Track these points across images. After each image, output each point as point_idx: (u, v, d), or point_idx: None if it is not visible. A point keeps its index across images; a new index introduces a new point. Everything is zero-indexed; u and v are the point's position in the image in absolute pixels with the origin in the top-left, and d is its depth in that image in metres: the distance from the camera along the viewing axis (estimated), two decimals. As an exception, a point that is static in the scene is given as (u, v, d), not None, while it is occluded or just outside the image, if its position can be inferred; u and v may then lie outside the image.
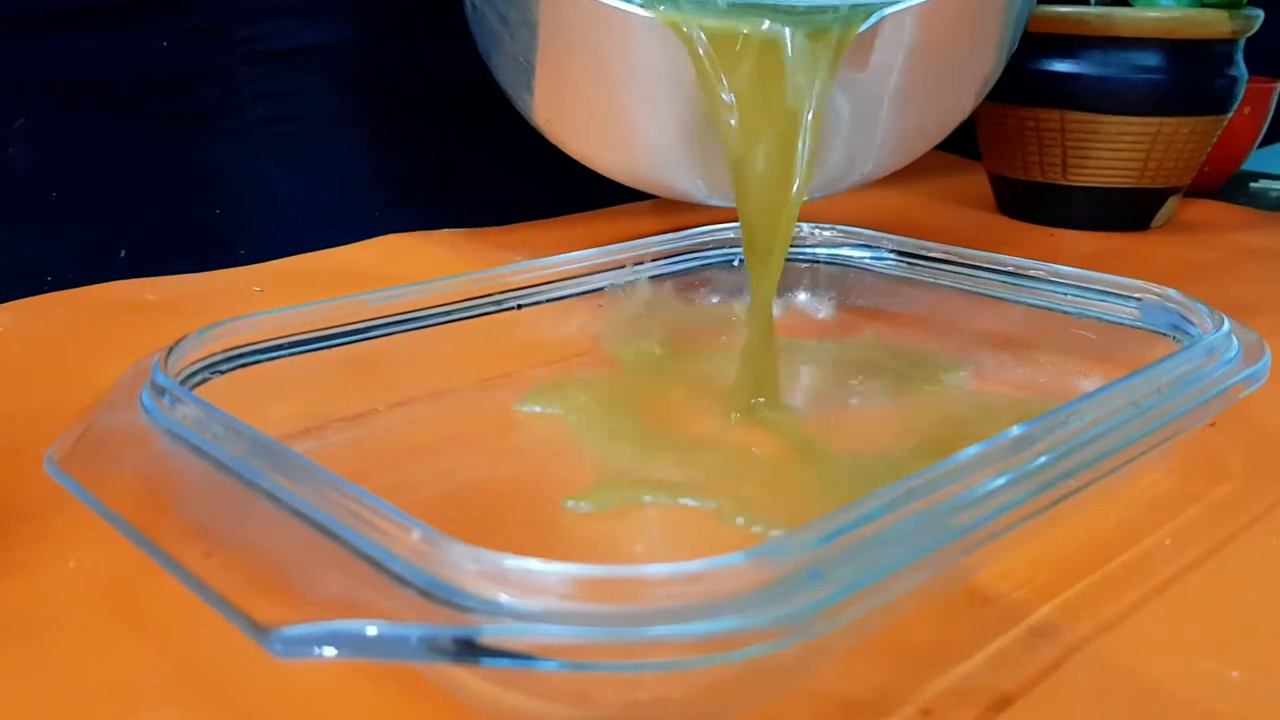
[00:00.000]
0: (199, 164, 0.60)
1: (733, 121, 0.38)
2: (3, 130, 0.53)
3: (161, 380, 0.30)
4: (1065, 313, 0.42)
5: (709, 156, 0.47)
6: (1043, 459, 0.27)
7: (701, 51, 0.39)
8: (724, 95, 0.39)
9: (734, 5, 0.42)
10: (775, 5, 0.43)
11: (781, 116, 0.39)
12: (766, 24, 0.39)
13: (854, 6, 0.42)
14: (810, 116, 0.38)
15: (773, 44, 0.39)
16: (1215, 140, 0.69)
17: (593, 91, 0.49)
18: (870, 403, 0.41)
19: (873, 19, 0.41)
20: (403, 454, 0.37)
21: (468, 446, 0.38)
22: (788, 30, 0.39)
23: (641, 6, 0.43)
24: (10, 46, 0.53)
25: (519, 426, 0.39)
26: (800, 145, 0.38)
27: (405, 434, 0.38)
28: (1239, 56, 0.67)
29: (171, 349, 0.32)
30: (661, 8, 0.42)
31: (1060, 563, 0.30)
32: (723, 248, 0.49)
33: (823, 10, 0.41)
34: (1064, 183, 0.68)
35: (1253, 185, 0.82)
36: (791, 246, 0.49)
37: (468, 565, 0.21)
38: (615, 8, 0.43)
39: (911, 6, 0.43)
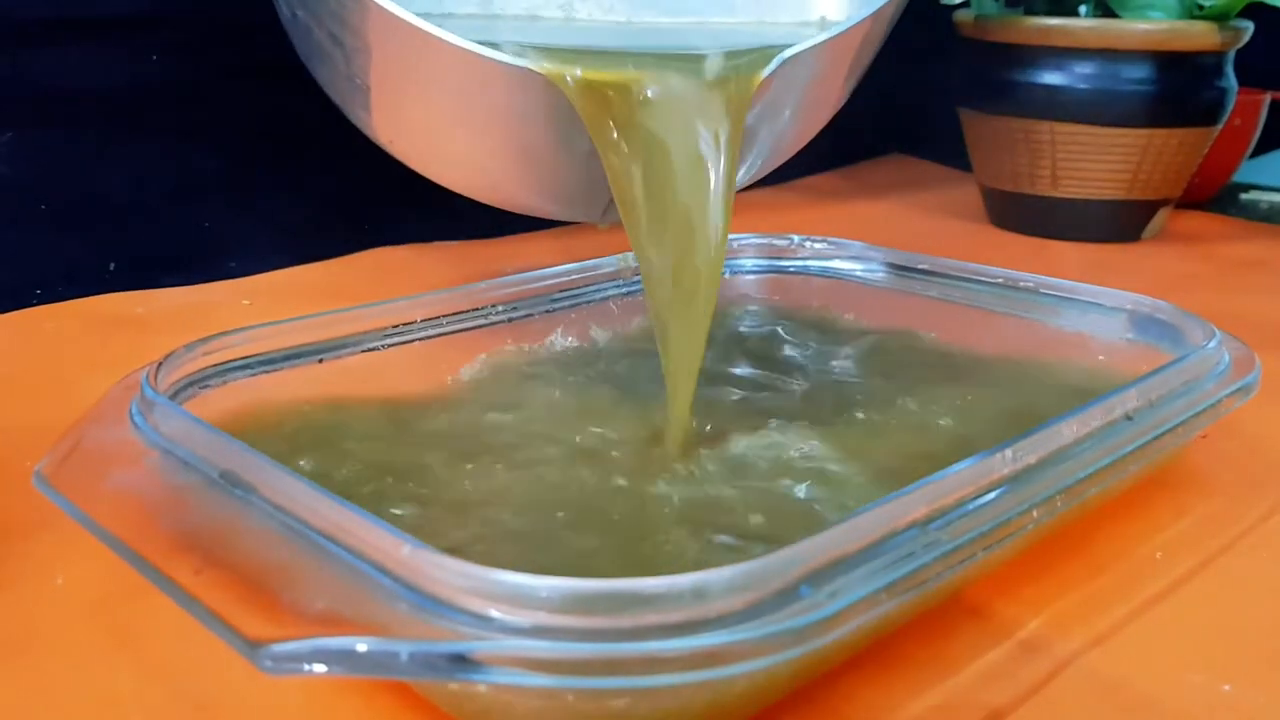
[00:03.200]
0: (188, 177, 0.60)
1: (630, 177, 0.36)
2: (-9, 143, 0.53)
3: (151, 395, 0.30)
4: (1056, 325, 0.42)
5: (582, 183, 0.44)
6: (1033, 472, 0.27)
7: (582, 101, 0.37)
8: (616, 146, 0.36)
9: (609, 52, 0.40)
10: (661, 49, 0.40)
11: (683, 170, 0.35)
12: (670, 73, 0.36)
13: (750, 51, 0.39)
14: (722, 166, 0.35)
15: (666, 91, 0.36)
16: (1205, 152, 0.69)
17: (442, 123, 0.45)
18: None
19: (772, 65, 0.39)
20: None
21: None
22: (683, 79, 0.36)
23: (511, 52, 0.39)
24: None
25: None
26: (709, 194, 0.35)
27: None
28: (1229, 68, 0.68)
29: (161, 363, 0.32)
30: (521, 50, 0.39)
31: (1050, 576, 0.30)
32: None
33: (720, 54, 0.38)
34: (1054, 194, 0.68)
35: (1243, 196, 0.82)
36: (782, 258, 0.49)
37: (457, 580, 0.21)
38: (474, 52, 0.39)
39: (810, 47, 0.40)
